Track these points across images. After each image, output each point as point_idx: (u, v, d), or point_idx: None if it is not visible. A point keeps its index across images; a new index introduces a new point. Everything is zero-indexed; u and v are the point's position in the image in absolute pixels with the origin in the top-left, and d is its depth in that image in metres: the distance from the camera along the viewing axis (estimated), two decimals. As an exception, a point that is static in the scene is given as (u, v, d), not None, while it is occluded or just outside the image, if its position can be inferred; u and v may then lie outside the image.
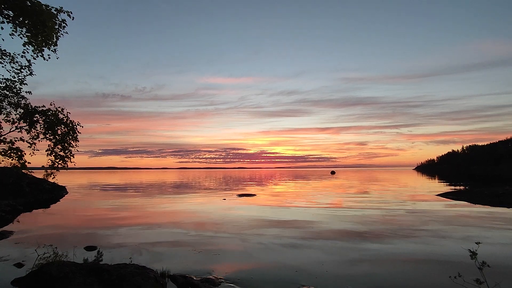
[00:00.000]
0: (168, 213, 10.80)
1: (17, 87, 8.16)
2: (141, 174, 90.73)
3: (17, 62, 7.70)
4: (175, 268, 4.76)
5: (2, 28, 6.66)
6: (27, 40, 6.95)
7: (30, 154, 8.37)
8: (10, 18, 6.61)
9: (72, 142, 8.87)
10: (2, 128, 8.43)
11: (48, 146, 8.66)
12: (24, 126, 8.57)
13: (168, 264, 4.92)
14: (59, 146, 8.72)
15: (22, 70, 7.85)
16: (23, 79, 8.04)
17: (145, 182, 35.47)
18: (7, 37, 6.88)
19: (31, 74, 7.97)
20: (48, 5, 6.65)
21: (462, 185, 25.96)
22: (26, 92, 8.44)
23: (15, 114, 8.49)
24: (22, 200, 14.17)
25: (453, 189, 20.75)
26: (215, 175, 66.92)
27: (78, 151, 8.96)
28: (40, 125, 8.65)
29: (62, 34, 7.18)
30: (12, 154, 8.22)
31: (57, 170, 8.85)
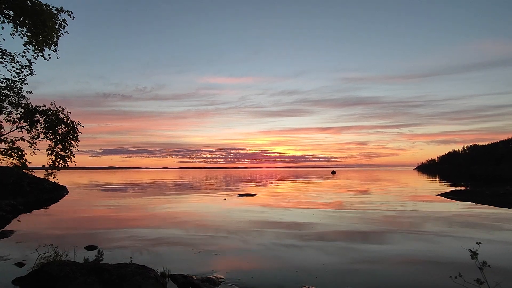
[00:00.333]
0: (169, 213, 10.80)
1: (18, 86, 8.18)
2: (142, 174, 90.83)
3: (17, 62, 7.71)
4: (176, 267, 4.76)
5: (2, 28, 6.67)
6: (27, 40, 6.95)
7: (30, 153, 8.38)
8: (11, 18, 6.61)
9: (72, 142, 8.87)
10: (3, 128, 8.44)
11: (49, 146, 8.67)
12: (25, 126, 8.58)
13: (168, 263, 4.93)
14: (59, 146, 8.71)
15: (22, 70, 7.86)
16: (23, 78, 8.05)
17: (146, 182, 35.50)
18: (7, 37, 6.90)
19: (31, 73, 7.98)
20: (49, 5, 6.65)
21: (463, 185, 25.93)
22: (26, 92, 8.45)
23: (15, 114, 8.50)
24: (23, 200, 14.19)
25: (454, 189, 20.73)
26: (215, 175, 66.97)
27: (78, 150, 8.96)
28: (41, 125, 8.65)
29: (62, 34, 7.19)
30: (13, 154, 8.22)
31: (58, 170, 8.85)
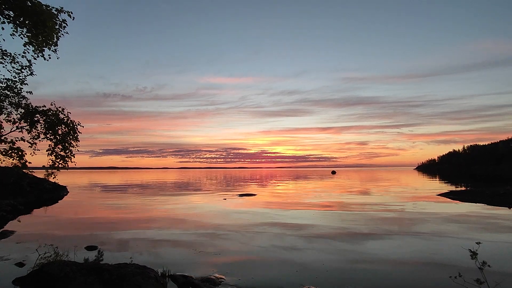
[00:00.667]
0: (169, 213, 10.81)
1: (18, 87, 8.18)
2: (142, 174, 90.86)
3: (17, 62, 7.71)
4: (176, 268, 4.77)
5: (2, 29, 6.67)
6: (27, 40, 6.95)
7: (30, 154, 8.37)
8: (11, 19, 6.62)
9: (72, 142, 8.86)
10: (3, 128, 8.44)
11: (49, 146, 8.66)
12: (25, 126, 8.58)
13: (168, 264, 4.93)
14: (59, 146, 8.71)
15: (22, 70, 7.86)
16: (23, 79, 8.05)
17: (146, 182, 35.51)
18: (7, 37, 6.90)
19: (31, 74, 7.98)
20: (49, 5, 6.65)
21: (463, 185, 25.93)
22: (26, 92, 8.45)
23: (16, 114, 8.49)
24: (23, 200, 14.20)
25: (454, 189, 20.73)
26: (215, 175, 66.98)
27: (78, 151, 8.95)
28: (41, 125, 8.65)
29: (62, 34, 7.19)
30: (13, 154, 8.23)
31: (58, 170, 8.85)
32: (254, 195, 17.41)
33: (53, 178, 9.06)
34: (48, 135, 8.63)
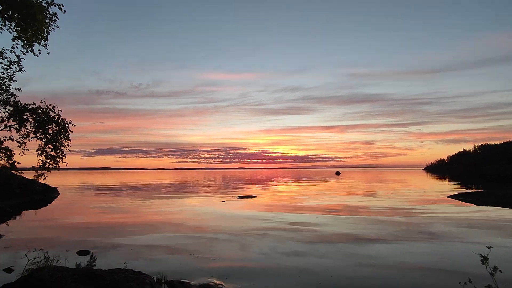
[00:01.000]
0: (165, 216, 10.82)
1: (6, 83, 8.18)
2: (137, 175, 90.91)
3: (6, 57, 7.71)
4: (173, 273, 4.77)
5: (-10, 23, 6.66)
6: (16, 35, 6.95)
7: (19, 154, 8.38)
8: (-1, 12, 6.61)
9: (63, 142, 8.87)
10: (-10, 127, 8.45)
11: (39, 146, 8.67)
12: (14, 125, 8.58)
13: (164, 269, 4.94)
14: (50, 146, 8.72)
15: (11, 66, 7.86)
16: (12, 75, 8.06)
17: (141, 183, 35.53)
18: (-5, 31, 6.89)
19: (20, 70, 7.98)
20: (39, -2, 6.64)
21: (473, 186, 25.92)
22: (15, 89, 8.46)
23: (4, 112, 8.50)
24: (12, 202, 14.22)
25: (464, 190, 20.73)
26: (214, 176, 67.00)
27: (70, 150, 8.97)
28: (30, 124, 8.66)
29: (53, 28, 7.19)
30: (1, 154, 8.23)
31: (48, 171, 8.86)
32: (255, 197, 17.43)
33: (43, 179, 9.07)
34: (38, 134, 8.64)
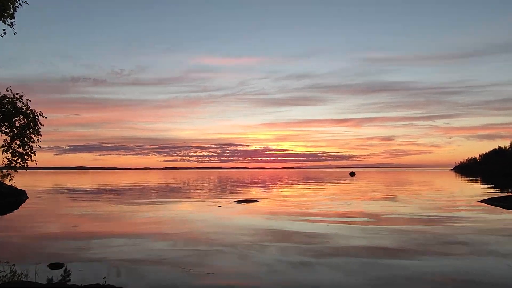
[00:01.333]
0: (152, 223, 10.83)
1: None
2: (118, 175, 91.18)
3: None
4: (159, 290, 4.75)
5: None
6: (-24, 11, 6.90)
7: (-19, 151, 8.37)
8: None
9: (33, 137, 8.86)
10: None
11: (4, 142, 8.66)
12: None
13: (150, 285, 4.92)
14: (17, 141, 8.71)
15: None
16: (-28, 59, 8.00)
17: (123, 186, 35.62)
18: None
19: (-18, 53, 7.92)
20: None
21: (510, 189, 25.86)
22: (-25, 75, 8.42)
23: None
24: (-26, 207, 14.25)
25: (499, 194, 20.68)
26: (208, 177, 67.15)
27: (40, 147, 8.96)
28: (-6, 116, 8.63)
29: (20, 5, 7.13)
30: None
31: (15, 171, 8.86)
32: (255, 202, 17.45)
33: (10, 180, 9.07)
34: (3, 128, 8.61)
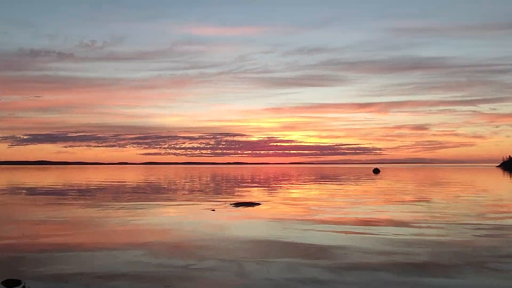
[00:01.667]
0: (129, 231, 10.87)
1: None
2: (89, 172, 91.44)
3: None
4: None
5: None
6: None
7: None
8: None
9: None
10: None
11: None
12: None
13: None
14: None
15: None
16: None
17: (95, 184, 35.72)
18: None
19: None
20: None
21: None
22: None
23: None
24: None
25: (558, 197, 20.62)
26: (199, 174, 67.24)
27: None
28: None
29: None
30: None
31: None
32: (257, 204, 17.49)
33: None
34: None
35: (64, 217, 13.77)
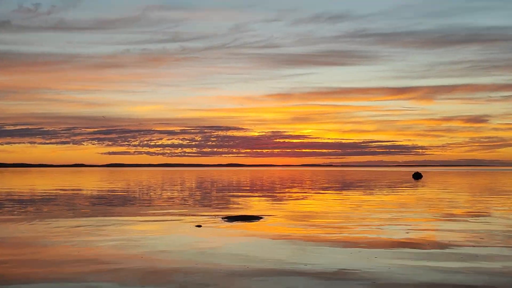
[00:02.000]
0: (87, 253, 10.85)
1: None
2: (33, 176, 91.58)
3: None
4: None
5: None
6: None
7: None
8: None
9: None
10: None
11: None
12: None
13: None
14: None
15: None
16: None
17: (41, 193, 35.73)
18: None
19: None
20: None
21: None
22: None
23: None
24: None
25: None
26: (181, 179, 67.31)
27: None
28: None
29: None
30: None
31: None
32: (258, 218, 17.49)
33: None
34: None
35: None
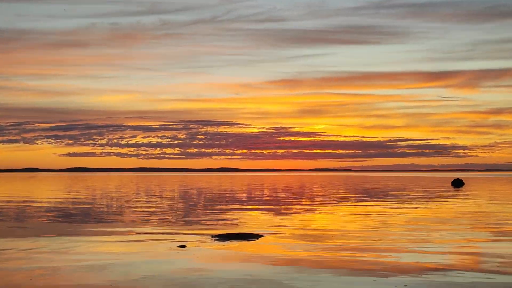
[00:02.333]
0: (44, 284, 10.83)
1: None
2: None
3: None
4: None
5: None
6: None
7: None
8: None
9: None
10: None
11: None
12: None
13: None
14: None
15: None
16: None
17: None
18: None
19: None
20: None
21: None
22: None
23: None
24: None
25: None
26: (161, 187, 67.35)
27: None
28: None
29: None
30: None
31: None
32: (257, 237, 17.52)
33: None
34: None
35: None
